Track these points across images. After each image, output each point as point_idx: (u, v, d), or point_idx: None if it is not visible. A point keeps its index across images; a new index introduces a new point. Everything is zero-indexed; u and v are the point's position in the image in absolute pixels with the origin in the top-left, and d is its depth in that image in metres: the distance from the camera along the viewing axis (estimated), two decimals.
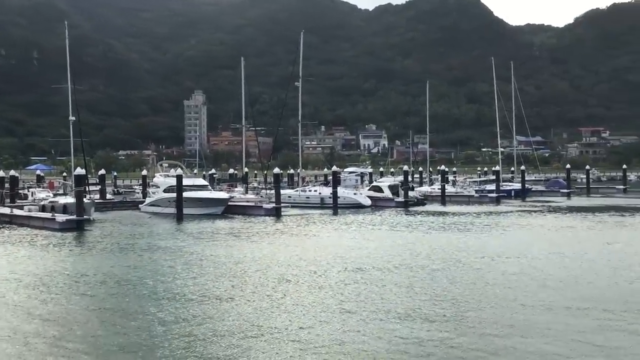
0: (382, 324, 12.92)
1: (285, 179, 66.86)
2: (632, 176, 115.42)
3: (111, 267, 20.99)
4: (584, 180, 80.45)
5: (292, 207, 48.09)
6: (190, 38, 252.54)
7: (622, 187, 76.81)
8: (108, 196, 53.35)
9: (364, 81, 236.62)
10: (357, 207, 48.84)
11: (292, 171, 65.84)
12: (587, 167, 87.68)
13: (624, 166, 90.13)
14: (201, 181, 50.16)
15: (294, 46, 58.58)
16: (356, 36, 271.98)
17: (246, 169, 62.47)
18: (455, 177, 79.30)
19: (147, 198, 49.33)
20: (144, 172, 61.23)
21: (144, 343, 11.90)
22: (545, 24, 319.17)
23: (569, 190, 69.75)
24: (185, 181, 45.26)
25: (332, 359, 10.79)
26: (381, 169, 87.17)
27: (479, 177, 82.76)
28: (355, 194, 52.19)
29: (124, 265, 21.34)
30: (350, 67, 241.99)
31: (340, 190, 51.34)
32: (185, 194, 42.94)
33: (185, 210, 41.54)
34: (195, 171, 75.33)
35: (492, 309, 14.05)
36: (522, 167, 72.07)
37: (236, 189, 52.55)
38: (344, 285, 17.05)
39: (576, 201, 58.57)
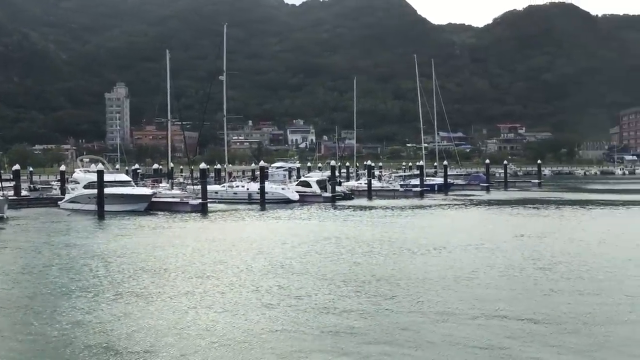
0: (300, 316, 12.95)
1: (212, 175, 66.02)
2: (546, 171, 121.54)
3: (24, 265, 20.01)
4: (502, 175, 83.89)
5: (219, 202, 47.55)
6: (113, 29, 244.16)
7: (537, 181, 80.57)
8: (23, 193, 50.81)
9: (291, 76, 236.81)
10: (285, 202, 48.86)
11: (219, 166, 65.04)
12: (505, 162, 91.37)
13: (539, 161, 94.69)
14: (123, 177, 48.70)
15: (220, 39, 57.75)
16: (283, 31, 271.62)
17: (171, 164, 61.17)
18: (381, 172, 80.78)
19: (66, 194, 47.35)
20: (62, 168, 58.65)
21: (53, 342, 11.43)
22: (466, 24, 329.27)
23: (488, 185, 72.53)
24: (107, 177, 43.82)
25: (249, 354, 10.73)
26: (309, 164, 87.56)
27: (404, 171, 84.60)
28: (283, 189, 52.19)
29: (38, 264, 20.39)
30: (277, 62, 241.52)
31: (268, 186, 51.21)
32: (107, 190, 41.58)
33: (107, 207, 40.19)
34: (118, 166, 73.08)
35: (409, 300, 14.38)
36: (445, 162, 74.26)
37: (161, 185, 51.33)
38: (267, 279, 16.99)
39: (495, 195, 61.00)
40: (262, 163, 56.19)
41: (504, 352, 10.54)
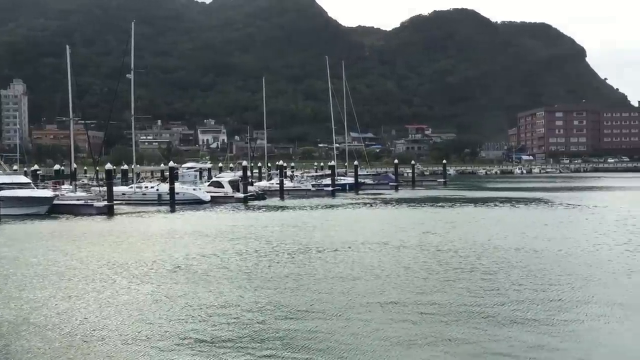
0: (190, 321, 12.78)
1: (119, 175, 63.76)
2: (451, 170, 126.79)
3: None
4: (410, 175, 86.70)
5: (127, 204, 46.04)
6: (9, 22, 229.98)
7: (442, 180, 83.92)
8: None
9: (202, 75, 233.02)
10: (197, 202, 48.04)
11: (126, 167, 62.86)
12: (413, 162, 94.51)
13: (444, 161, 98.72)
14: (22, 178, 46.09)
15: (126, 36, 55.84)
16: (194, 29, 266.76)
17: (75, 165, 58.50)
18: (293, 172, 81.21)
19: None
20: None
21: None
22: (375, 27, 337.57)
23: (396, 184, 74.71)
24: (3, 178, 41.37)
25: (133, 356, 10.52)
26: (220, 165, 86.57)
27: (316, 171, 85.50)
28: (194, 189, 51.26)
29: None
30: (187, 61, 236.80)
31: (178, 186, 50.16)
32: (2, 193, 39.24)
33: (3, 211, 37.82)
34: (16, 167, 69.14)
35: (306, 296, 14.58)
36: (356, 162, 75.76)
37: (63, 187, 48.94)
38: (167, 282, 16.64)
39: (403, 193, 62.88)
40: (171, 163, 54.94)
41: (394, 340, 10.89)
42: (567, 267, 17.92)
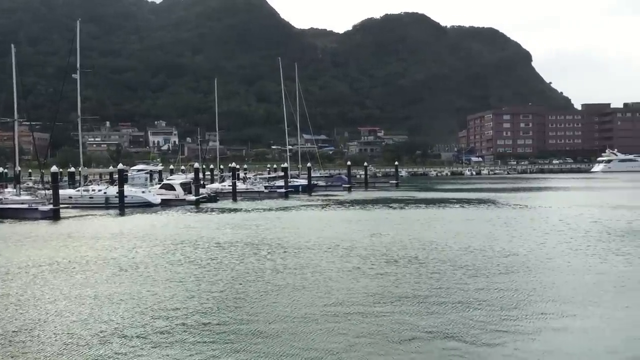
0: (130, 323, 12.60)
1: (66, 178, 61.97)
2: (403, 172, 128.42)
3: None
4: (363, 176, 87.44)
5: (74, 208, 44.84)
6: None
7: (394, 182, 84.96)
8: None
9: (152, 76, 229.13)
10: (146, 205, 47.17)
11: (73, 169, 61.17)
12: (365, 164, 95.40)
13: (396, 163, 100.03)
14: None
15: (73, 35, 54.36)
16: (144, 29, 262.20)
17: (19, 168, 56.57)
18: (245, 174, 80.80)
19: None
20: None
21: None
22: (328, 29, 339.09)
23: (349, 185, 75.22)
24: None
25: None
26: (171, 167, 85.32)
27: (269, 173, 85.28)
28: (143, 192, 50.32)
29: None
30: (137, 61, 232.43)
31: (128, 189, 49.15)
32: None
33: None
34: None
35: (256, 297, 14.57)
36: (309, 164, 75.96)
37: (6, 190, 47.34)
38: (111, 285, 16.32)
39: (355, 195, 63.35)
40: (120, 165, 53.79)
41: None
42: (510, 265, 18.40)
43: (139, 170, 79.91)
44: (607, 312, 12.88)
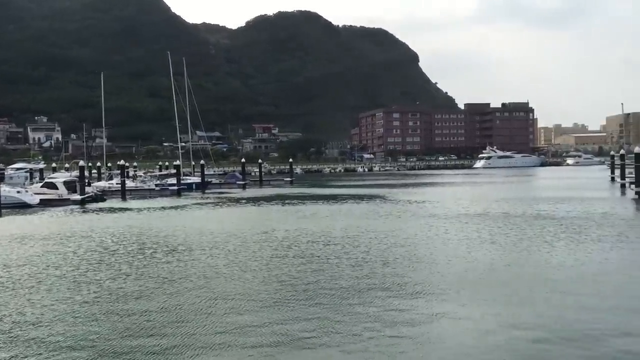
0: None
1: None
2: (297, 169, 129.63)
3: None
4: (257, 173, 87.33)
5: None
6: None
7: (289, 179, 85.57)
8: None
9: (32, 68, 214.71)
10: (22, 206, 44.21)
11: None
12: (260, 161, 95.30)
13: (290, 160, 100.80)
14: None
15: None
16: (23, 18, 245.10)
17: None
18: (135, 171, 78.18)
19: None
20: None
21: None
22: (220, 25, 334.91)
23: (244, 183, 74.86)
24: None
25: None
26: (54, 165, 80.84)
27: (160, 170, 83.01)
28: (19, 192, 47.07)
29: None
30: (16, 52, 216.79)
31: (2, 189, 45.90)
32: None
33: None
34: None
35: (138, 297, 14.33)
36: (202, 162, 74.79)
37: None
38: None
39: (250, 192, 63.22)
40: None
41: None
42: (394, 257, 19.20)
43: (18, 169, 74.87)
44: (478, 302, 13.81)
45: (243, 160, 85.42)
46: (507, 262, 18.08)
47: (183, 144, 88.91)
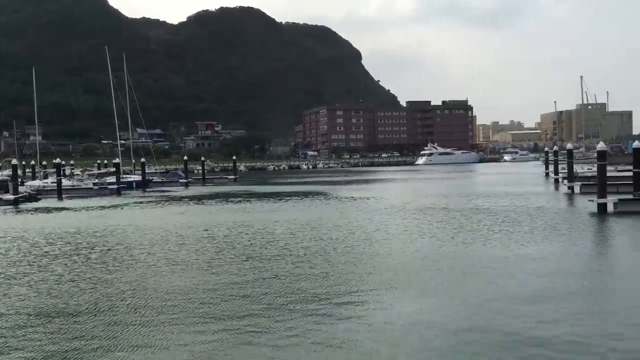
0: None
1: None
2: (241, 167, 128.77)
3: None
4: (200, 171, 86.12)
5: None
6: None
7: (232, 177, 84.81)
8: None
9: None
10: None
11: None
12: (203, 158, 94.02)
13: (234, 157, 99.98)
14: None
15: None
16: None
17: None
18: (72, 170, 75.82)
19: None
20: None
21: None
22: (161, 20, 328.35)
23: (186, 181, 73.65)
24: None
25: None
26: None
27: (99, 169, 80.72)
28: None
29: None
30: None
31: None
32: None
33: None
34: None
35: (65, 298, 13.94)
36: (143, 160, 73.16)
37: None
38: None
39: (193, 190, 62.27)
40: None
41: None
42: (334, 253, 19.32)
43: None
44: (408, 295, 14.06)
45: (185, 158, 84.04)
46: (443, 255, 18.49)
47: (123, 141, 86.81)
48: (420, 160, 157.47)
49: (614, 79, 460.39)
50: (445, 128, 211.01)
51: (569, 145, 51.34)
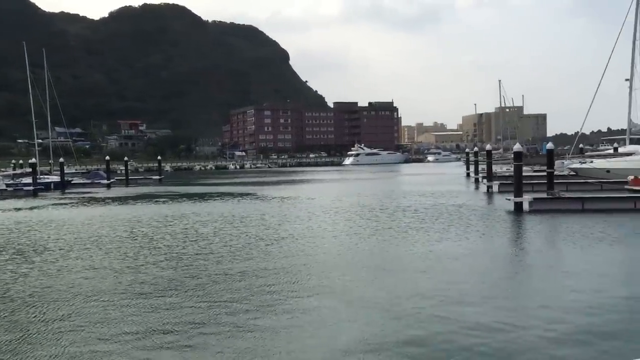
0: None
1: None
2: (167, 167, 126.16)
3: None
4: (124, 172, 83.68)
5: None
6: None
7: (157, 177, 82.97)
8: None
9: None
10: None
11: None
12: (126, 158, 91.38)
13: (159, 157, 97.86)
14: None
15: None
16: None
17: None
18: None
19: None
20: None
21: None
22: (81, 15, 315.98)
23: (109, 181, 71.41)
24: None
25: None
26: None
27: (14, 170, 76.90)
28: None
29: None
30: None
31: None
32: None
33: None
34: None
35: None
36: (61, 159, 70.46)
37: None
38: None
39: (116, 191, 60.43)
40: None
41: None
42: (257, 253, 19.35)
43: None
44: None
45: (107, 158, 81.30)
46: (368, 251, 18.90)
47: (40, 140, 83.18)
48: (348, 161, 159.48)
49: (529, 84, 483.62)
50: (372, 129, 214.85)
51: (488, 147, 53.45)
